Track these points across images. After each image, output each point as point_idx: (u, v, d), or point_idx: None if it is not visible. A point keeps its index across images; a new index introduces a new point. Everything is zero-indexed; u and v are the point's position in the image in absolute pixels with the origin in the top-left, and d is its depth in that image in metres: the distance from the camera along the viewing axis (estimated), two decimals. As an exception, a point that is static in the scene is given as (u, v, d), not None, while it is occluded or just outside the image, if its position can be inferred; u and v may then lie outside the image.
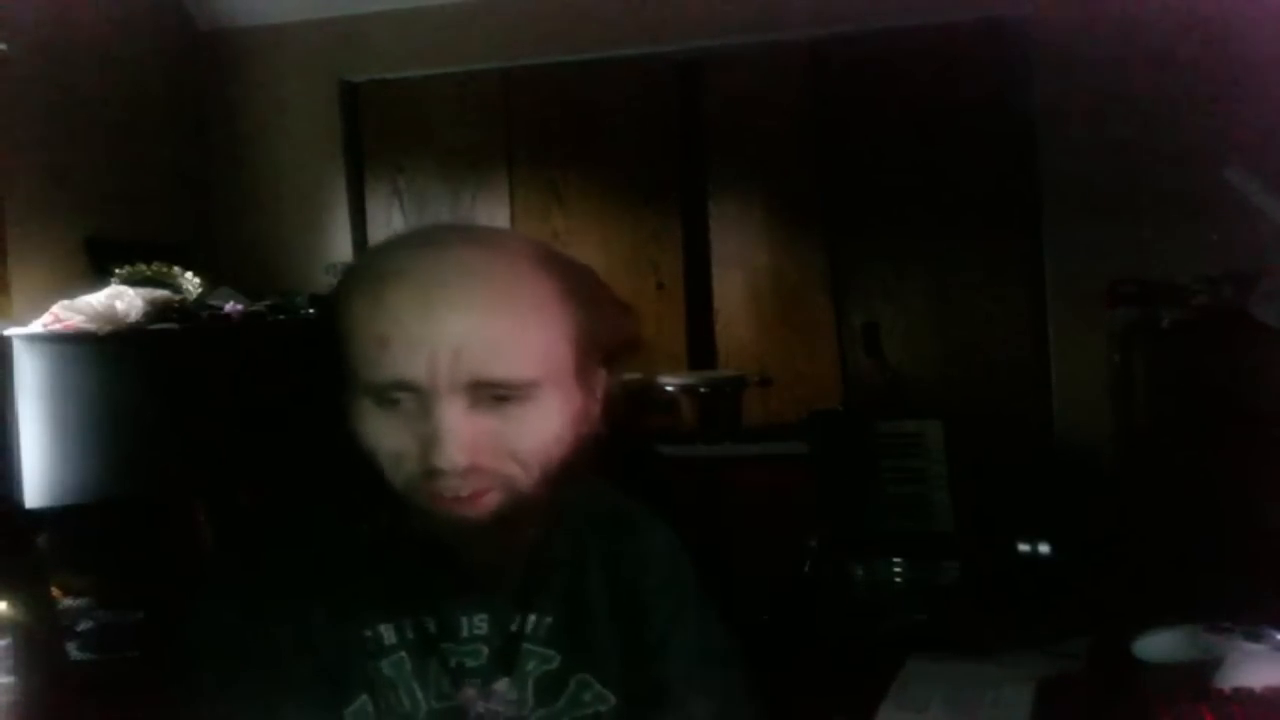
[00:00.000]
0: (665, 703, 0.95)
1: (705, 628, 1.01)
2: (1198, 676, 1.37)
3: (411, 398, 0.82)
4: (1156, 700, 1.32)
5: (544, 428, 0.85)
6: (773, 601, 2.44)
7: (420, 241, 0.88)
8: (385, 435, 0.83)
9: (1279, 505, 2.19)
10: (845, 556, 2.44)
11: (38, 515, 2.54)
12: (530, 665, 0.92)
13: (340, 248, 3.57)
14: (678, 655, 0.97)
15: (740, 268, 3.39)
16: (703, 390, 3.13)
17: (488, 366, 0.81)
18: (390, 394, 0.82)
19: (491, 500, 0.84)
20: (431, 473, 0.82)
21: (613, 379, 0.92)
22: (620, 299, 0.94)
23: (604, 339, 0.89)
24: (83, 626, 2.43)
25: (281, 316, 2.97)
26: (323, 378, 0.88)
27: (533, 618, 0.93)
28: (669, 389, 3.15)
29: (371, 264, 0.87)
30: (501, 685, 0.91)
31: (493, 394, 0.82)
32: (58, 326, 2.59)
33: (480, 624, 0.91)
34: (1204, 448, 2.41)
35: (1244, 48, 2.80)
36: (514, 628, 0.92)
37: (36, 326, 2.62)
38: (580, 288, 0.87)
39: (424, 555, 0.88)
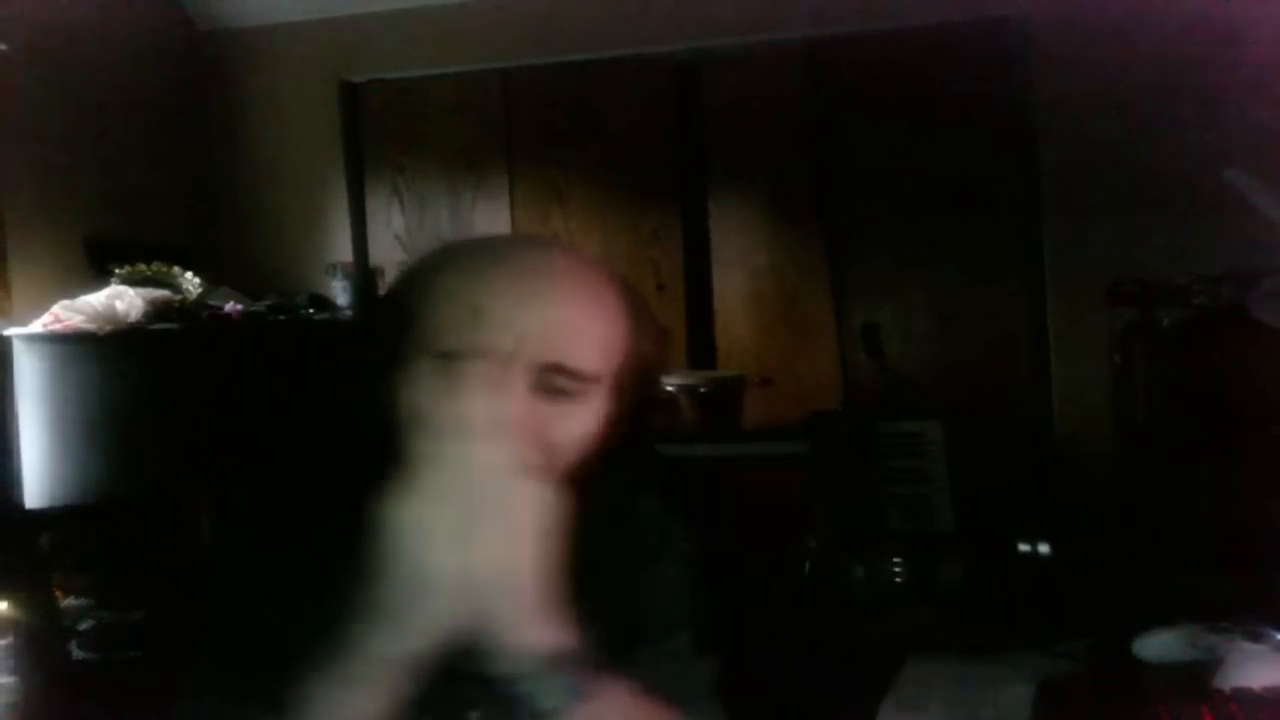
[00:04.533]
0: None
1: (676, 593, 1.03)
2: (1198, 676, 1.37)
3: (482, 367, 0.87)
4: (1156, 700, 1.32)
5: (582, 426, 0.92)
6: (773, 601, 2.44)
7: (513, 240, 1.02)
8: (445, 397, 0.87)
9: (1279, 505, 2.19)
10: (845, 556, 2.44)
11: (38, 515, 2.55)
12: None
13: (340, 248, 3.57)
14: (658, 642, 0.99)
15: (740, 268, 3.39)
16: (703, 390, 3.13)
17: (567, 352, 0.89)
18: (465, 360, 0.87)
19: None
20: None
21: (638, 397, 0.98)
22: (662, 327, 1.01)
23: (647, 358, 0.97)
24: (83, 626, 2.43)
25: (281, 316, 2.97)
26: (370, 347, 0.94)
27: None
28: (669, 389, 3.15)
29: (467, 247, 0.96)
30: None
31: (556, 383, 0.89)
32: (58, 326, 2.59)
33: None
34: (1204, 448, 2.41)
35: (1244, 48, 2.80)
36: None
37: (36, 326, 2.62)
38: (639, 310, 0.97)
39: None
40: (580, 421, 0.91)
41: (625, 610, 0.97)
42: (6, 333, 2.61)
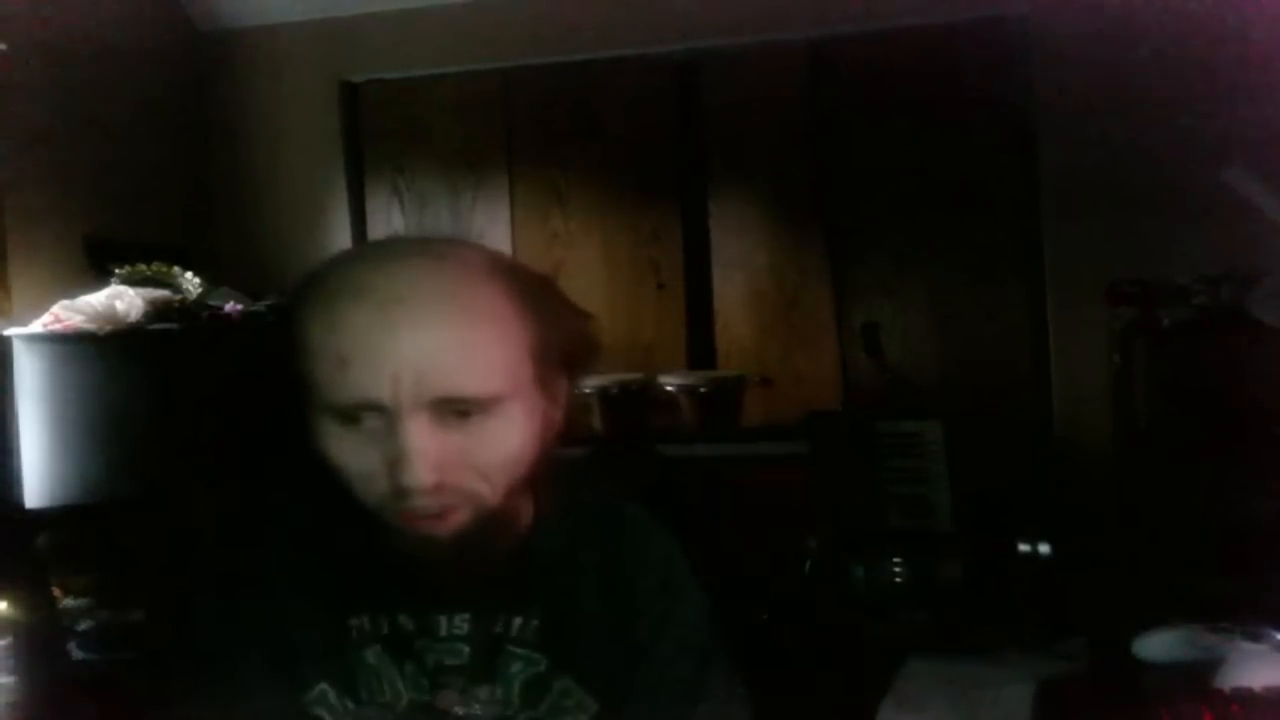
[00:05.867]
0: (649, 709, 0.93)
1: (694, 633, 0.96)
2: (1198, 676, 1.37)
3: (375, 417, 0.82)
4: (1156, 700, 1.32)
5: (508, 441, 0.85)
6: (773, 601, 2.44)
7: (374, 256, 0.88)
8: (352, 455, 0.84)
9: (1278, 505, 2.19)
10: (845, 556, 2.44)
11: (38, 515, 2.54)
12: (515, 667, 0.92)
13: (340, 248, 3.56)
14: (664, 661, 0.94)
15: (740, 268, 3.38)
16: (703, 390, 3.13)
17: (451, 383, 0.81)
18: (353, 414, 0.82)
19: (459, 518, 0.84)
20: (401, 492, 0.82)
21: (575, 385, 0.92)
22: (578, 305, 0.93)
23: (563, 347, 0.89)
24: (83, 626, 2.43)
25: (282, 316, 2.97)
26: (283, 391, 0.89)
27: (518, 620, 0.93)
28: (669, 389, 3.15)
29: (326, 280, 0.87)
30: (483, 691, 0.91)
31: (456, 410, 0.82)
32: (58, 326, 2.59)
33: (461, 624, 0.92)
34: (1204, 448, 2.41)
35: (1244, 48, 2.80)
36: (498, 629, 0.92)
37: (36, 326, 2.61)
38: (537, 297, 0.87)
39: (398, 563, 0.90)
40: (504, 435, 0.85)
41: (626, 658, 0.92)
42: (6, 333, 2.61)
